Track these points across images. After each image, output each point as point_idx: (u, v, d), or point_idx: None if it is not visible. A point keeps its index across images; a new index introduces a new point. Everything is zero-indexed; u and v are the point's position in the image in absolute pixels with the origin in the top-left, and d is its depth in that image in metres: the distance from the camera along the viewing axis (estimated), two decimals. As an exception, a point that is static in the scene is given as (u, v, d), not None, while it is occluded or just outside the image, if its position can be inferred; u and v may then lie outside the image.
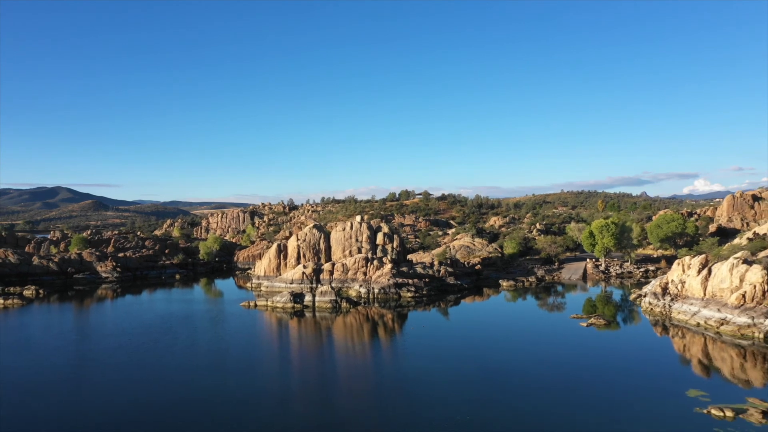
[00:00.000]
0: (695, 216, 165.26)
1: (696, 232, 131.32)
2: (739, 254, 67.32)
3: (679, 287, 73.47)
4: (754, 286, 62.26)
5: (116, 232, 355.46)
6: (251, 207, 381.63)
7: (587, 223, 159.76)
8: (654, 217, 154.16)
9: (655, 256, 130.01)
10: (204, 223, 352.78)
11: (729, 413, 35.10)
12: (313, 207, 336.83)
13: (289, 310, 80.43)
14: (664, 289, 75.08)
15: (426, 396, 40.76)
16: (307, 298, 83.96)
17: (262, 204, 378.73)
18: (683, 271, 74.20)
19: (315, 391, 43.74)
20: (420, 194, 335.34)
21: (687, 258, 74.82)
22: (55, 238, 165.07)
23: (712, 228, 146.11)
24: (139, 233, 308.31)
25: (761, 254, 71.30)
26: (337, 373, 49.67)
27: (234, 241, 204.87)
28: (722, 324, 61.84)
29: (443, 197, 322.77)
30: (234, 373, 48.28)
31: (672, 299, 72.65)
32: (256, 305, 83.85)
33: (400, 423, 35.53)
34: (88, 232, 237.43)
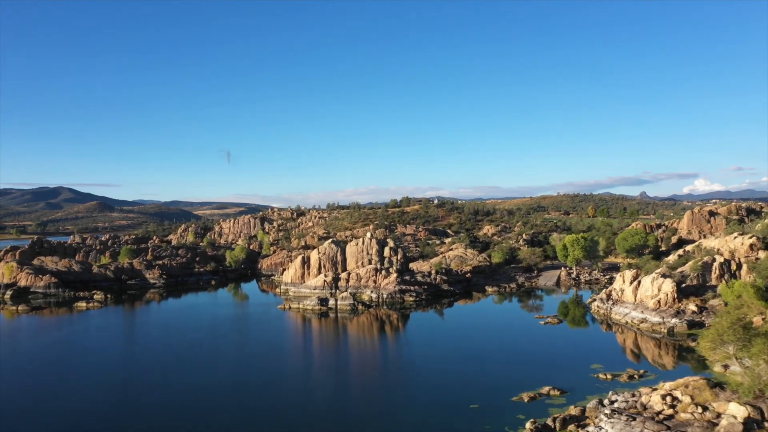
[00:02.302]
0: (663, 228, 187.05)
1: (656, 243, 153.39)
2: (659, 270, 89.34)
3: (619, 294, 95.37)
4: (666, 294, 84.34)
5: (133, 236, 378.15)
6: (261, 213, 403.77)
7: (570, 233, 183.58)
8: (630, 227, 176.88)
9: (621, 264, 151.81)
10: (217, 228, 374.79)
11: (609, 376, 57.01)
12: (319, 213, 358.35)
13: (317, 312, 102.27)
14: (608, 296, 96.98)
15: (420, 368, 62.76)
16: (331, 302, 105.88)
17: (271, 210, 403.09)
18: (623, 281, 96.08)
19: (348, 365, 65.77)
20: (420, 201, 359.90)
21: (627, 272, 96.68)
22: (79, 242, 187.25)
23: (674, 239, 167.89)
24: (155, 238, 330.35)
25: (680, 269, 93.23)
26: (360, 354, 71.66)
27: (252, 248, 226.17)
28: (642, 322, 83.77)
29: (442, 204, 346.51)
30: (291, 356, 70.28)
31: (613, 303, 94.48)
32: (290, 307, 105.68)
33: (402, 383, 57.55)
34: (106, 236, 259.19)
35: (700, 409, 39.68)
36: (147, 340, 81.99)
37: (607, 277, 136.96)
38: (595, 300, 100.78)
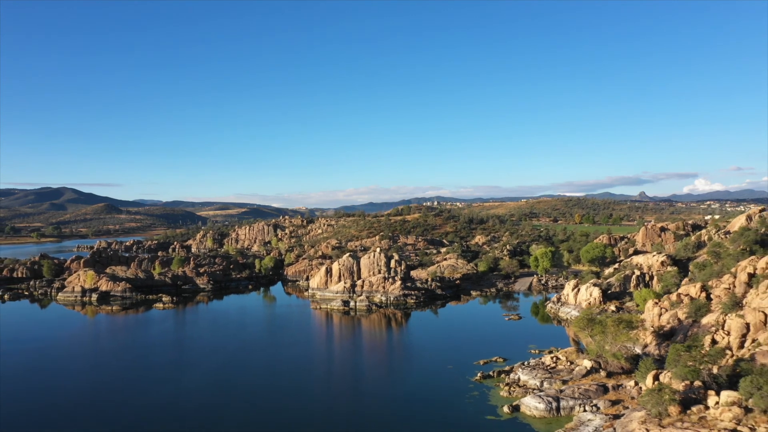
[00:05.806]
0: (625, 239, 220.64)
1: (614, 255, 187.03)
2: (592, 280, 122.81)
3: (565, 297, 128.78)
4: (595, 298, 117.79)
5: (155, 242, 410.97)
6: (273, 221, 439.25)
7: (551, 242, 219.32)
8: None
9: (584, 271, 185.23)
10: (233, 235, 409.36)
11: (538, 351, 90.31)
12: (327, 221, 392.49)
13: (340, 311, 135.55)
14: (559, 299, 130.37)
15: (416, 347, 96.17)
16: (351, 303, 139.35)
17: (283, 217, 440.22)
18: (569, 288, 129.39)
19: (366, 346, 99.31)
20: (420, 209, 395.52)
21: (571, 281, 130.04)
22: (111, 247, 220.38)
23: (631, 250, 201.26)
24: (176, 243, 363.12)
25: (608, 280, 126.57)
26: (375, 338, 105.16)
27: (273, 255, 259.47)
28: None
29: (440, 213, 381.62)
30: (330, 341, 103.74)
31: (561, 304, 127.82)
32: (320, 308, 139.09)
33: (404, 355, 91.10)
34: (129, 241, 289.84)
35: (568, 363, 73.04)
36: (227, 331, 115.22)
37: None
38: (550, 303, 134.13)
